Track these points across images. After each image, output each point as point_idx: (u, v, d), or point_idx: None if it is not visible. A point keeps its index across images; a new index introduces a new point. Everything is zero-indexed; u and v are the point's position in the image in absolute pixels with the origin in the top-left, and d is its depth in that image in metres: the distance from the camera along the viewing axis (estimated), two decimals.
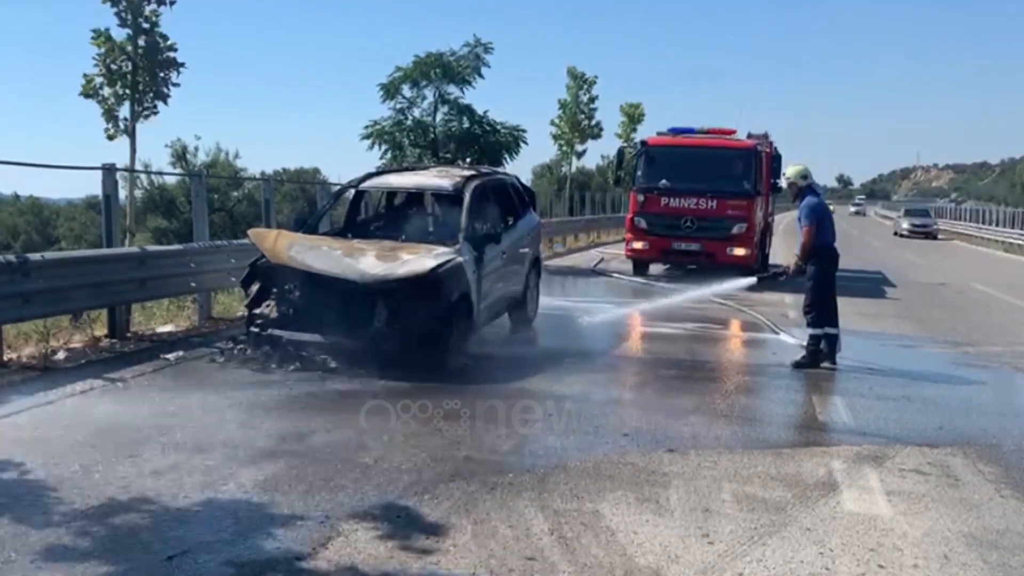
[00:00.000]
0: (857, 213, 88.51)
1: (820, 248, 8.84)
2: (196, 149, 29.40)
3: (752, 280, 11.16)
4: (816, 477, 5.45)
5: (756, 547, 4.32)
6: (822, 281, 8.86)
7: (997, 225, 39.58)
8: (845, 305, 9.47)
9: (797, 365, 8.76)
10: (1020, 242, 32.98)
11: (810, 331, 8.87)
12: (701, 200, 16.64)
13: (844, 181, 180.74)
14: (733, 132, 17.97)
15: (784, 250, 20.58)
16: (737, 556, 4.21)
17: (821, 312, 8.79)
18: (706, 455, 5.79)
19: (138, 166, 15.40)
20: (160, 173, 28.61)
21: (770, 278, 11.13)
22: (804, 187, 9.00)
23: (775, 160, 18.14)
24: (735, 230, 16.45)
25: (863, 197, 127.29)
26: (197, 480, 4.99)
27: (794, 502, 4.98)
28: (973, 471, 5.68)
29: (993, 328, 12.49)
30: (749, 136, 18.27)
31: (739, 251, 16.42)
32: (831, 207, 9.46)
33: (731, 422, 6.75)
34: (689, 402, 7.30)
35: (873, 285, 17.59)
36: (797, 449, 6.12)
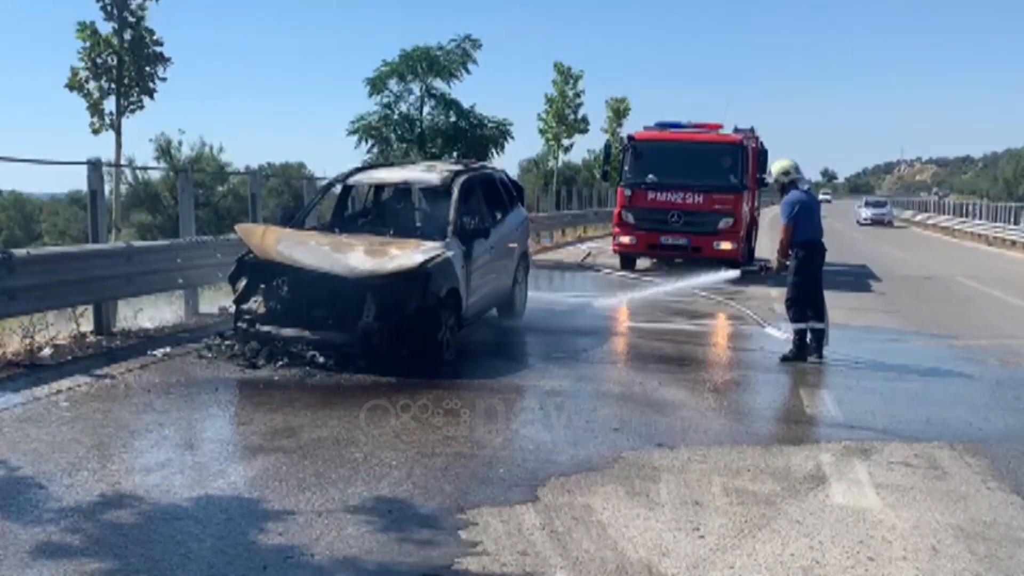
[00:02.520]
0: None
1: (804, 243, 8.88)
2: (180, 143, 29.22)
3: (735, 273, 11.22)
4: (805, 470, 5.48)
5: (747, 540, 4.35)
6: (804, 276, 8.90)
7: (980, 219, 39.84)
8: (830, 299, 9.51)
9: (785, 359, 8.81)
10: (1004, 236, 33.21)
11: (793, 326, 8.92)
12: (688, 195, 16.68)
13: (829, 175, 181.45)
14: (720, 127, 18.01)
15: (770, 244, 20.62)
16: (728, 549, 4.24)
17: (803, 306, 8.84)
18: (696, 449, 5.82)
19: (122, 161, 15.30)
20: (146, 168, 28.50)
21: (753, 272, 11.21)
22: (787, 183, 9.03)
23: (761, 155, 18.19)
24: (722, 224, 16.51)
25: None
26: (187, 477, 4.98)
27: (784, 495, 5.01)
28: (960, 464, 5.73)
29: (978, 322, 12.58)
30: (736, 131, 18.32)
31: (726, 245, 16.48)
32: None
33: (720, 416, 6.78)
34: (678, 396, 7.33)
35: (858, 279, 17.69)
36: (786, 442, 6.15)
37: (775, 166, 9.21)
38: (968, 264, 23.71)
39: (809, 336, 8.84)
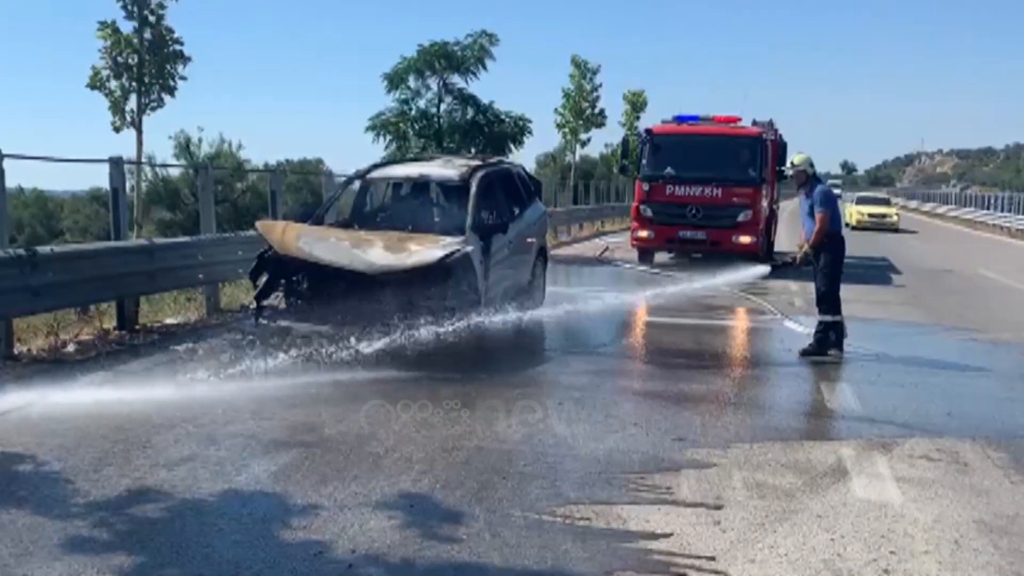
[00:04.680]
0: None
1: (836, 235, 8.87)
2: (200, 141, 29.33)
3: (766, 269, 11.18)
4: (826, 464, 5.47)
5: (768, 534, 4.35)
6: (837, 268, 8.90)
7: (1002, 211, 39.43)
8: (851, 292, 9.50)
9: (804, 353, 8.77)
10: None
11: (823, 317, 8.85)
12: (707, 188, 16.60)
13: (848, 167, 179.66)
14: (738, 120, 17.94)
15: (789, 238, 20.53)
16: (749, 543, 4.24)
17: (835, 300, 8.81)
18: (716, 443, 5.82)
19: (143, 159, 15.43)
20: (166, 165, 28.57)
21: (781, 266, 11.22)
22: (812, 175, 9.00)
23: (780, 148, 18.09)
24: (741, 218, 16.43)
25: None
26: (211, 471, 5.03)
27: (804, 489, 5.01)
28: (982, 457, 5.70)
29: (1001, 315, 12.47)
30: (754, 124, 18.24)
31: (745, 239, 16.41)
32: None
33: (740, 410, 6.77)
34: (698, 391, 7.32)
35: (879, 272, 17.58)
36: (806, 437, 6.14)
37: (799, 157, 9.11)
38: (991, 256, 23.49)
39: (831, 330, 8.80)
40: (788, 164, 9.37)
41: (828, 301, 8.82)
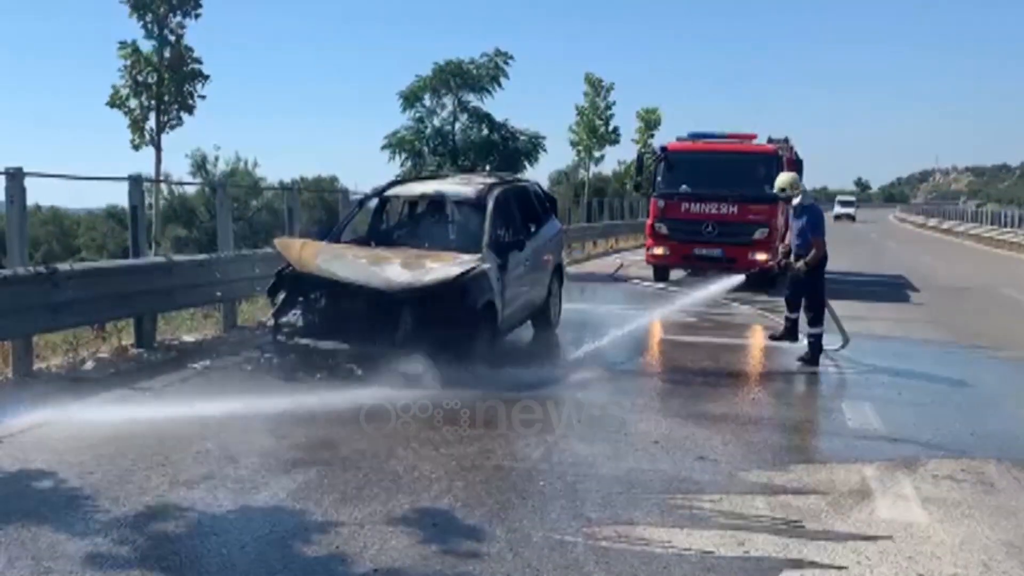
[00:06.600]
0: None
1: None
2: (216, 159, 29.62)
3: (740, 278, 11.28)
4: (849, 484, 5.40)
5: (793, 555, 4.29)
6: (820, 279, 9.25)
7: (1019, 227, 39.07)
8: (868, 310, 9.44)
9: (802, 360, 9.08)
10: None
11: (813, 330, 9.16)
12: (722, 205, 16.58)
13: (862, 184, 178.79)
14: (754, 136, 17.94)
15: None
16: (774, 565, 4.18)
17: (820, 311, 9.16)
18: (737, 462, 5.77)
19: (160, 176, 15.55)
20: (184, 183, 28.87)
21: (757, 274, 11.45)
22: (795, 194, 9.25)
23: (796, 165, 18.04)
24: (757, 235, 16.36)
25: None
26: (230, 489, 5.02)
27: (828, 510, 4.94)
28: (1008, 478, 5.62)
29: (1022, 332, 12.34)
30: (770, 141, 18.21)
31: (761, 256, 16.27)
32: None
33: (760, 429, 6.71)
34: (717, 409, 7.27)
35: (896, 290, 17.46)
36: (829, 456, 6.08)
37: (790, 177, 9.33)
38: (1009, 274, 23.30)
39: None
40: (777, 188, 9.40)
41: (817, 311, 9.12)
